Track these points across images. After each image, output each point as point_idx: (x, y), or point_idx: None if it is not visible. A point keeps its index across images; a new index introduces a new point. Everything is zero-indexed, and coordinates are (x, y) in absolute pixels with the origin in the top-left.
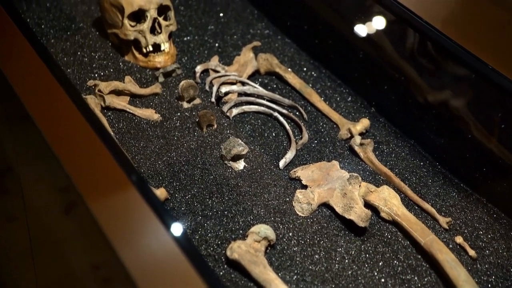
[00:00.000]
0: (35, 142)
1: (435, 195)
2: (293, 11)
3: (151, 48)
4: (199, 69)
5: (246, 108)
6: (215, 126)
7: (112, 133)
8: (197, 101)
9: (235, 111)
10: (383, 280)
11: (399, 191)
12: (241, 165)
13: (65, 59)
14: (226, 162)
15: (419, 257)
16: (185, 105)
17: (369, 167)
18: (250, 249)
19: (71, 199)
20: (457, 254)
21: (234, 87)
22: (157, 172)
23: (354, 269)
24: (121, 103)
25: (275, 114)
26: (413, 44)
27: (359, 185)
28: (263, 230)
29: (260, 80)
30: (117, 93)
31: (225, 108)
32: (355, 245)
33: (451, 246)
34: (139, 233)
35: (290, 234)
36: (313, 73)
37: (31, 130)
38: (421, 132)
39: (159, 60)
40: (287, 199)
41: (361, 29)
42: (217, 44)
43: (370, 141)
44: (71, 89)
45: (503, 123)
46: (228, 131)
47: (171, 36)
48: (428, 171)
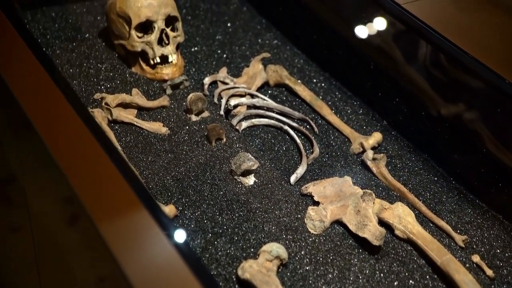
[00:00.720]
0: (39, 151)
1: (450, 212)
2: (301, 20)
3: (158, 59)
4: (207, 81)
5: (255, 121)
6: (224, 139)
7: (119, 147)
8: (206, 114)
9: (245, 124)
10: None
11: (413, 207)
12: (251, 180)
13: (70, 70)
14: (236, 177)
15: (436, 277)
16: (194, 118)
17: (382, 183)
18: (262, 269)
19: (75, 211)
20: (474, 273)
21: (243, 100)
22: (166, 188)
23: None
24: (128, 116)
25: (285, 127)
26: (426, 55)
27: (373, 202)
28: (275, 249)
29: (269, 92)
30: (124, 106)
31: (234, 121)
32: (369, 264)
33: (467, 265)
34: (147, 252)
35: (302, 252)
36: (323, 84)
37: (35, 139)
38: (435, 146)
39: (166, 72)
40: (299, 216)
41: (372, 40)
42: (225, 55)
43: (383, 155)
44: (76, 102)
45: None
46: (237, 145)
47: (178, 47)
48: (442, 187)
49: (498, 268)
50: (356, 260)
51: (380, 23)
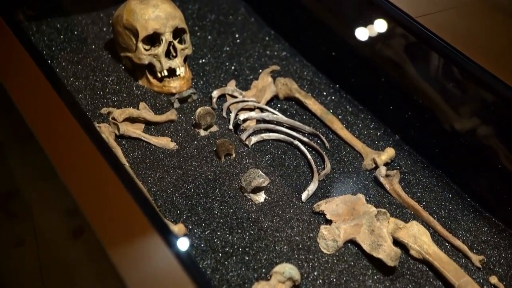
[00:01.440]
0: (43, 164)
1: (466, 231)
2: (310, 32)
3: (166, 72)
4: (215, 94)
5: (265, 135)
6: (234, 155)
7: (127, 163)
8: (214, 129)
9: (254, 139)
10: None
11: (428, 226)
12: (261, 197)
13: (76, 83)
14: (246, 194)
15: None
16: (202, 132)
17: (396, 200)
18: None
19: (80, 224)
20: None
21: (252, 114)
22: (175, 205)
23: None
24: (136, 131)
25: (296, 142)
26: (439, 68)
27: (387, 221)
28: (288, 270)
29: (279, 105)
30: (132, 120)
31: (244, 136)
32: (384, 285)
33: (485, 287)
34: (155, 272)
35: (315, 273)
36: (334, 97)
37: (40, 151)
38: (449, 161)
39: (174, 85)
40: (311, 235)
41: (383, 52)
42: (233, 67)
43: (396, 172)
44: (82, 117)
45: None
46: (247, 161)
47: (186, 59)
48: (457, 204)
49: None
50: (370, 281)
51: (391, 35)
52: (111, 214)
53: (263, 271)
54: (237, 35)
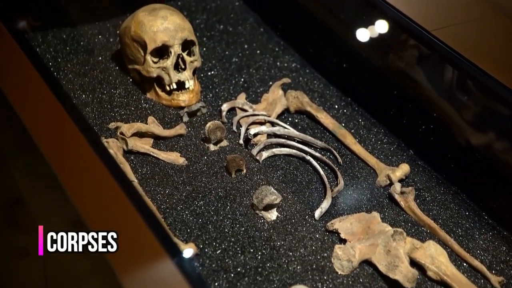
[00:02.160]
0: (48, 173)
1: (484, 250)
2: (321, 42)
3: (175, 85)
4: (225, 107)
5: (276, 150)
6: (245, 171)
7: (135, 179)
8: (224, 143)
9: (265, 154)
10: None
11: (445, 245)
12: (273, 215)
13: (83, 96)
14: (257, 211)
15: None
16: (212, 147)
17: (411, 218)
18: None
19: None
20: None
21: (263, 128)
22: (185, 223)
23: None
24: (144, 146)
25: (308, 157)
26: (454, 81)
27: (404, 242)
28: None
29: (290, 119)
30: (140, 135)
31: (255, 151)
32: None
33: None
34: None
35: None
36: (345, 110)
37: (44, 162)
38: (464, 177)
39: (183, 98)
40: (325, 255)
41: (396, 64)
42: (242, 79)
43: (411, 189)
44: (89, 132)
45: None
46: (258, 177)
47: (195, 72)
48: (474, 222)
49: None
50: None
51: (404, 47)
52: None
53: None
54: (246, 46)
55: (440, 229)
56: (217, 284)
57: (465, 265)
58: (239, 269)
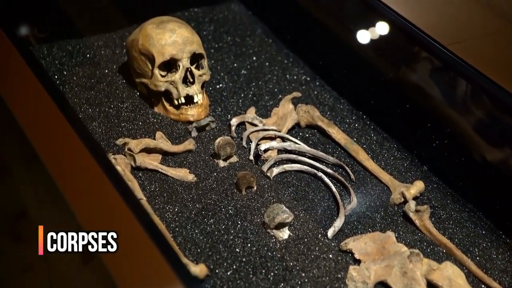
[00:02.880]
0: (51, 186)
1: (502, 271)
2: (332, 54)
3: (183, 100)
4: (234, 122)
5: (287, 167)
6: (255, 188)
7: (143, 197)
8: (234, 159)
9: (276, 171)
10: None
11: (462, 266)
12: (285, 234)
13: (89, 110)
14: (269, 230)
15: None
16: (221, 163)
17: (427, 237)
18: None
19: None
20: None
21: (273, 143)
22: (195, 242)
23: None
24: (153, 162)
25: (319, 174)
26: (469, 96)
27: (421, 263)
28: None
29: (300, 134)
30: (148, 151)
31: (265, 167)
32: None
33: None
34: None
35: None
36: (357, 125)
37: (48, 176)
38: (480, 194)
39: (192, 113)
40: (339, 276)
41: (410, 78)
42: (251, 92)
43: (426, 207)
44: (96, 149)
45: None
46: (269, 194)
47: (204, 86)
48: (491, 241)
49: None
50: None
51: (418, 61)
52: (126, 253)
53: None
54: (254, 58)
55: (456, 248)
56: None
57: (483, 287)
58: None
